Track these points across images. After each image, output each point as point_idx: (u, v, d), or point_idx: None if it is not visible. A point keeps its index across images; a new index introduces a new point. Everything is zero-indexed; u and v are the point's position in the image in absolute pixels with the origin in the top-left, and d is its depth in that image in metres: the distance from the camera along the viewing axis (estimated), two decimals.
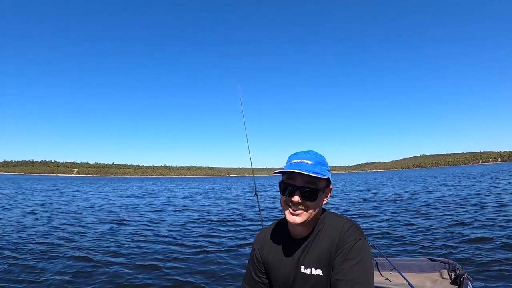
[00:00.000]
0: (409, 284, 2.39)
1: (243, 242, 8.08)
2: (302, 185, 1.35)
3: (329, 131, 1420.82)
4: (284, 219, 1.49)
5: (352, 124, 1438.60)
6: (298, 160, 1.39)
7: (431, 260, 3.06)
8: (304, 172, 1.31)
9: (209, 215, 13.57)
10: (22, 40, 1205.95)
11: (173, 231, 9.70)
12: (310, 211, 1.37)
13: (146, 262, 6.34)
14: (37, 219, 12.19)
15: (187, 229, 10.16)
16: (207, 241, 8.27)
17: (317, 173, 1.36)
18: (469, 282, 2.58)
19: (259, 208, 4.26)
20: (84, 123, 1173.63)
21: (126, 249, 7.36)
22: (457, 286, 2.61)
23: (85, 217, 12.85)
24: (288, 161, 1.44)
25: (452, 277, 2.76)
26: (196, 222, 11.70)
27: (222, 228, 10.22)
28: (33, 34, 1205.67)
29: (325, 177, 1.40)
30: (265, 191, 30.55)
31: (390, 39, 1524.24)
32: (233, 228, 10.20)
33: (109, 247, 7.60)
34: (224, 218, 12.49)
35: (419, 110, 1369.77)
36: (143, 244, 7.92)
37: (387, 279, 2.85)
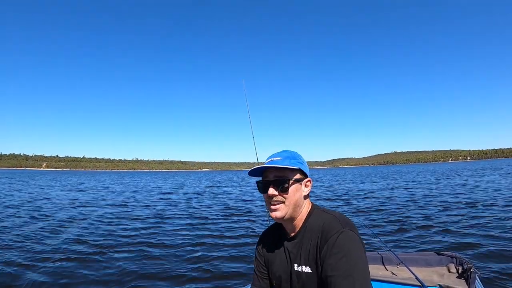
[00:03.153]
0: (416, 278, 2.45)
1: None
2: (275, 178, 1.40)
3: (302, 126, 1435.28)
4: None
5: (324, 119, 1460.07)
6: (269, 160, 1.47)
7: (438, 254, 3.00)
8: (272, 165, 1.39)
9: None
10: None
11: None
12: (288, 204, 1.40)
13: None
14: None
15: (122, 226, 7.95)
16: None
17: (285, 165, 1.39)
18: (476, 276, 2.52)
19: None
20: (54, 115, 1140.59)
21: None
22: (464, 280, 2.53)
23: None
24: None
25: (460, 271, 2.69)
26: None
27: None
28: None
29: (295, 167, 1.42)
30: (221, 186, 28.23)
31: (360, 34, 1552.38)
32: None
33: None
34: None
35: (391, 108, 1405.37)
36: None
37: (394, 273, 2.79)
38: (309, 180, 1.50)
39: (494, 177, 27.52)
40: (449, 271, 2.76)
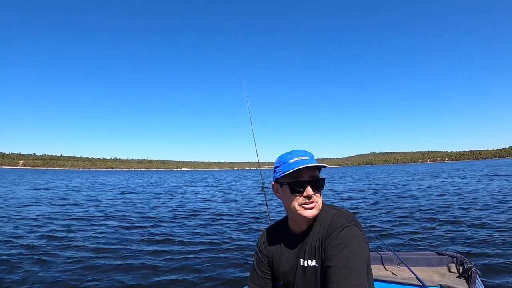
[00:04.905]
0: (417, 278, 2.47)
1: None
2: (311, 178, 1.43)
3: (281, 126, 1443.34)
4: (285, 218, 1.62)
5: (303, 119, 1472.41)
6: (297, 158, 1.45)
7: (438, 254, 3.00)
8: (313, 164, 1.40)
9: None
10: None
11: None
12: (319, 202, 1.45)
13: None
14: None
15: None
16: None
17: (322, 165, 1.45)
18: (477, 276, 2.52)
19: (267, 204, 3.68)
20: (31, 113, 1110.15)
21: None
22: (465, 280, 2.55)
23: None
24: (284, 163, 1.49)
25: (460, 271, 2.70)
26: None
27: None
28: None
29: (324, 165, 1.46)
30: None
31: (343, 35, 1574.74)
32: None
33: None
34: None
35: (369, 109, 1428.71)
36: None
37: (394, 273, 2.80)
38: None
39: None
40: (449, 271, 2.75)
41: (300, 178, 1.42)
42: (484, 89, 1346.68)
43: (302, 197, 1.41)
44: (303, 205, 1.42)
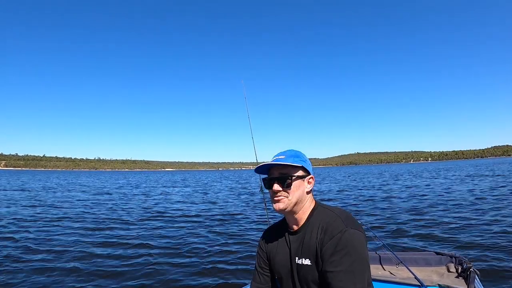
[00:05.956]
0: (415, 278, 2.45)
1: None
2: (277, 175, 1.52)
3: (265, 125, 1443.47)
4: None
5: (287, 119, 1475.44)
6: (274, 158, 1.57)
7: (437, 253, 3.00)
8: (276, 163, 1.52)
9: None
10: None
11: None
12: (290, 198, 1.50)
13: None
14: None
15: None
16: None
17: (289, 163, 1.50)
18: (476, 276, 2.54)
19: (265, 204, 3.70)
20: (13, 112, 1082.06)
21: None
22: (463, 280, 2.56)
23: None
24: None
25: (459, 270, 2.70)
26: None
27: None
28: None
29: (298, 165, 1.51)
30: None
31: (327, 34, 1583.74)
32: None
33: None
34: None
35: (354, 109, 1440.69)
36: None
37: (393, 273, 2.80)
38: (311, 177, 1.60)
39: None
40: (448, 270, 2.76)
41: (271, 175, 1.56)
42: (468, 90, 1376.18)
43: (272, 191, 1.53)
44: (273, 199, 1.53)
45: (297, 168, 1.52)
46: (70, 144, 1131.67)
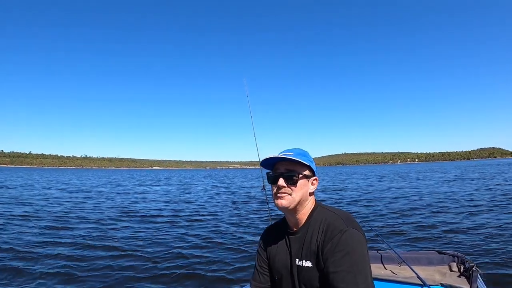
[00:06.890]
0: (418, 277, 2.47)
1: None
2: (285, 171, 1.50)
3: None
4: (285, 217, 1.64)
5: (274, 119, 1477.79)
6: (281, 154, 1.54)
7: (440, 253, 2.99)
8: (285, 157, 1.49)
9: None
10: None
11: None
12: (294, 196, 1.48)
13: None
14: None
15: None
16: None
17: (297, 159, 1.49)
18: (478, 275, 2.51)
19: (267, 202, 3.69)
20: None
21: None
22: (466, 279, 2.53)
23: None
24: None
25: (461, 269, 2.67)
26: None
27: None
28: None
29: (306, 163, 1.51)
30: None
31: (316, 33, 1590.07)
32: None
33: None
34: None
35: (341, 109, 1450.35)
36: None
37: (395, 272, 2.76)
38: (315, 179, 1.59)
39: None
40: (450, 269, 2.74)
41: (277, 170, 1.53)
42: (455, 92, 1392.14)
43: (275, 187, 1.50)
44: (276, 194, 1.50)
45: (305, 167, 1.52)
46: (58, 141, 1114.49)
